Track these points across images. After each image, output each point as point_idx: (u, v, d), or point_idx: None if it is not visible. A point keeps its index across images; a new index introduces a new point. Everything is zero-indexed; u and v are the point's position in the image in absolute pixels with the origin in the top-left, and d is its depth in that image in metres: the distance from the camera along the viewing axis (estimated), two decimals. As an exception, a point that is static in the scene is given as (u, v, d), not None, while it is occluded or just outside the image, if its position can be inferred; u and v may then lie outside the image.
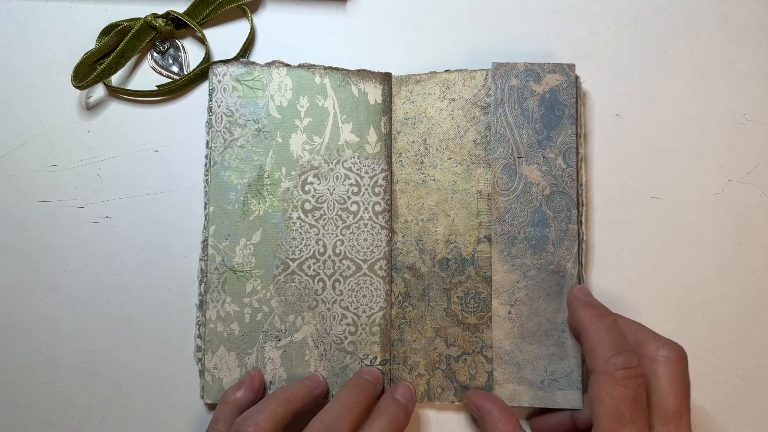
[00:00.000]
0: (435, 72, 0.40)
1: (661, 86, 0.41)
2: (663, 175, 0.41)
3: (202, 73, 0.40)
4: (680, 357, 0.31)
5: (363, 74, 0.40)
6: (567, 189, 0.37)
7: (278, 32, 0.41)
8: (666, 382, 0.31)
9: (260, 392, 0.37)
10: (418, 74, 0.40)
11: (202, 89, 0.41)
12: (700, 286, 0.40)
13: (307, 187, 0.39)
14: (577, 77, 0.39)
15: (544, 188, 0.38)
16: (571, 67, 0.38)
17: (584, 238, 0.38)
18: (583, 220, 0.38)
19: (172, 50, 0.41)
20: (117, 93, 0.40)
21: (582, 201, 0.38)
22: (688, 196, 0.41)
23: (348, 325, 0.38)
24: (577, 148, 0.38)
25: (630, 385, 0.30)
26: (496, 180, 0.38)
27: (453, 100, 0.39)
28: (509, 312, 0.37)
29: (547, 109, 0.38)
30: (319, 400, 0.37)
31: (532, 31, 0.41)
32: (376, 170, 0.39)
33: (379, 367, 0.38)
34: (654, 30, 0.41)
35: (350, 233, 0.39)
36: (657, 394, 0.30)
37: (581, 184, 0.38)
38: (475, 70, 0.39)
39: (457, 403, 0.38)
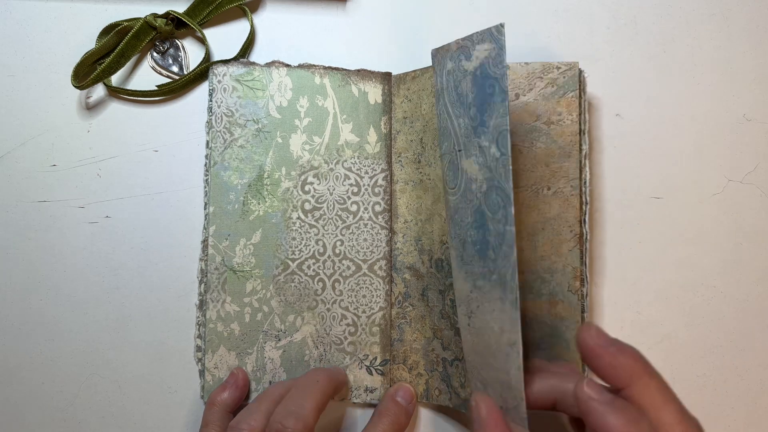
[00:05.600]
0: (431, 67, 0.39)
1: (661, 86, 0.41)
2: (663, 175, 0.41)
3: (202, 73, 0.40)
4: None
5: (363, 74, 0.40)
6: (502, 183, 0.29)
7: (278, 32, 0.41)
8: None
9: (246, 389, 0.37)
10: (414, 70, 0.39)
11: (202, 89, 0.41)
12: (700, 286, 0.40)
13: (307, 187, 0.39)
14: (580, 71, 0.37)
15: (481, 184, 0.31)
16: (500, 29, 0.29)
17: (588, 237, 0.37)
18: (587, 219, 0.37)
19: (172, 50, 0.41)
20: (117, 93, 0.40)
21: (585, 199, 0.37)
22: (688, 196, 0.40)
23: (348, 325, 0.38)
24: (580, 145, 0.36)
25: None
26: (445, 178, 0.33)
27: None
28: (468, 324, 0.32)
29: (478, 88, 0.30)
30: None
31: (532, 31, 0.41)
32: (376, 170, 0.39)
33: (378, 367, 0.38)
34: (654, 30, 0.41)
35: (350, 233, 0.39)
36: None
37: (584, 181, 0.37)
38: None
39: (452, 407, 0.38)
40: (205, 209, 0.39)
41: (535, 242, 0.37)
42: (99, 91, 0.41)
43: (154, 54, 0.41)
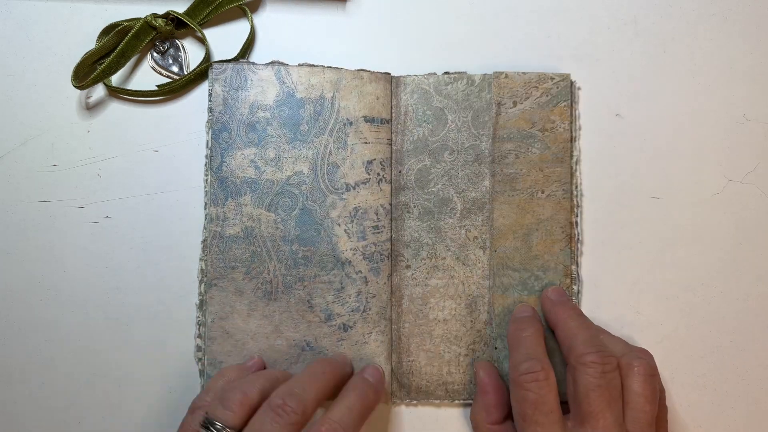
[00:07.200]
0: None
1: (661, 86, 0.41)
2: (663, 175, 0.41)
3: (202, 73, 0.40)
4: (653, 371, 0.34)
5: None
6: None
7: (278, 32, 0.41)
8: (640, 395, 0.33)
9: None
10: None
11: (202, 89, 0.41)
12: (700, 286, 0.40)
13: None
14: (572, 83, 0.40)
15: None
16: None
17: (580, 239, 0.39)
18: (579, 221, 0.39)
19: (172, 50, 0.41)
20: (117, 93, 0.40)
21: (577, 202, 0.39)
22: (688, 196, 0.41)
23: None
24: (571, 151, 0.39)
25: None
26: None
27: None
28: None
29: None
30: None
31: (532, 31, 0.41)
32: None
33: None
34: (654, 30, 0.41)
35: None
36: (630, 405, 0.33)
37: (576, 186, 0.39)
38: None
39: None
40: (205, 209, 0.39)
41: (530, 242, 0.39)
42: (99, 91, 0.41)
43: (154, 54, 0.41)
